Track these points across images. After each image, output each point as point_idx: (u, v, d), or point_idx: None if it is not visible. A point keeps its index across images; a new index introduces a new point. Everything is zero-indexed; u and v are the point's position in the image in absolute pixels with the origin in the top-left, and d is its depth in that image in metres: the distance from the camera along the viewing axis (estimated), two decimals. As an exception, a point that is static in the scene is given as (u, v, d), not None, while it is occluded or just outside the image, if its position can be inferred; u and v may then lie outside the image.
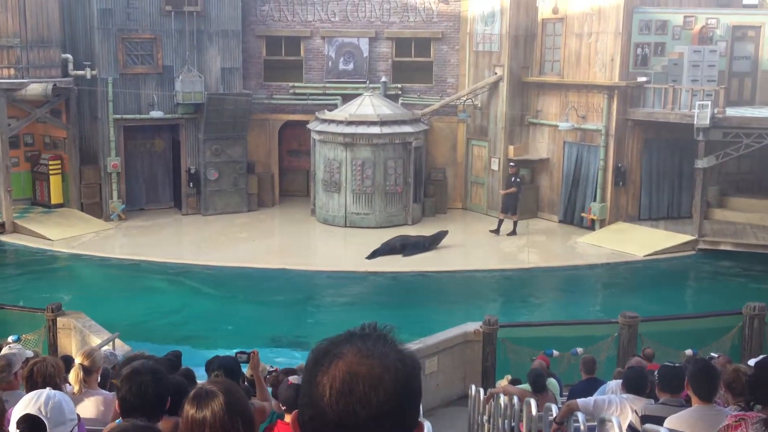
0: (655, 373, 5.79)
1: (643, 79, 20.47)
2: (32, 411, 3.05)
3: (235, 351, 6.52)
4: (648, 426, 4.46)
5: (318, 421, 1.34)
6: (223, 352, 10.87)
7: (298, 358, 13.19)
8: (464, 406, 11.22)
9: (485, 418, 9.07)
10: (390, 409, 1.33)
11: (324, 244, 21.33)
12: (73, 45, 22.78)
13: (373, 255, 19.45)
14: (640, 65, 20.78)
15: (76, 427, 3.20)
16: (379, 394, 1.33)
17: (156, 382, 3.46)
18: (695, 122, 18.90)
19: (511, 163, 21.92)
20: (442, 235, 20.29)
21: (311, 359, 1.41)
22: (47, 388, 3.18)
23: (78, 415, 3.25)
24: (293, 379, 5.66)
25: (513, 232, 21.09)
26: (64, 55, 22.04)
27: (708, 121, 18.75)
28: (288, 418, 5.24)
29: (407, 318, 16.39)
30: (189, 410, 2.82)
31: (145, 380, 3.43)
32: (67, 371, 5.25)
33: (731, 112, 19.49)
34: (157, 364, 3.62)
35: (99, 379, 5.34)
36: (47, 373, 4.36)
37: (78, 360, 5.15)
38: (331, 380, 1.34)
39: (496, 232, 21.12)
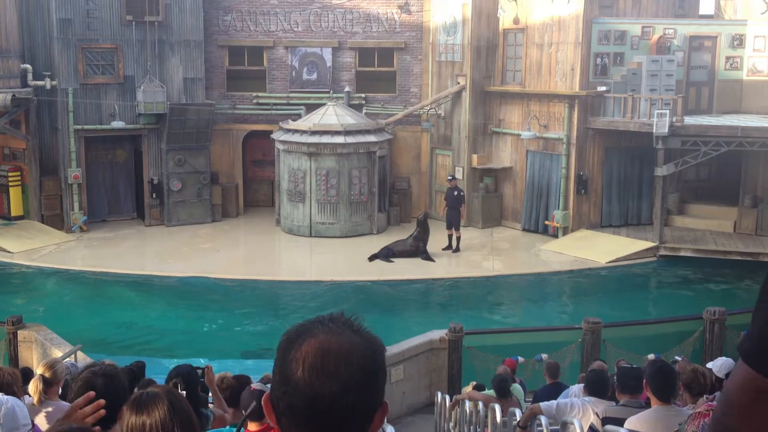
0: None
1: (603, 88, 20.76)
2: None
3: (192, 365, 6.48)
4: (609, 427, 4.53)
5: (291, 396, 1.43)
6: (187, 362, 10.78)
7: (266, 368, 13.11)
8: (430, 414, 11.25)
9: (451, 425, 9.11)
10: (358, 384, 1.43)
11: (289, 254, 21.26)
12: (33, 55, 22.49)
13: (373, 258, 19.76)
14: (600, 75, 21.08)
15: None
16: (348, 368, 1.43)
17: (108, 386, 3.40)
18: (654, 131, 19.21)
19: (449, 177, 21.75)
20: (425, 217, 20.22)
21: (284, 340, 1.49)
22: (0, 394, 3.12)
23: (33, 422, 3.21)
24: (256, 385, 5.62)
25: (453, 248, 20.46)
26: (23, 66, 21.76)
27: (666, 130, 19.06)
28: (252, 426, 5.21)
29: (372, 327, 16.27)
30: (128, 416, 2.73)
31: (97, 384, 3.38)
32: (27, 383, 5.18)
33: (689, 120, 19.85)
34: (114, 370, 3.56)
35: (60, 391, 5.27)
36: (4, 381, 4.30)
37: (39, 371, 5.09)
38: (304, 356, 1.43)
39: (450, 248, 20.56)
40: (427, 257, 19.85)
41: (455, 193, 20.72)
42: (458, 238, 20.62)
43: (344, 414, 1.43)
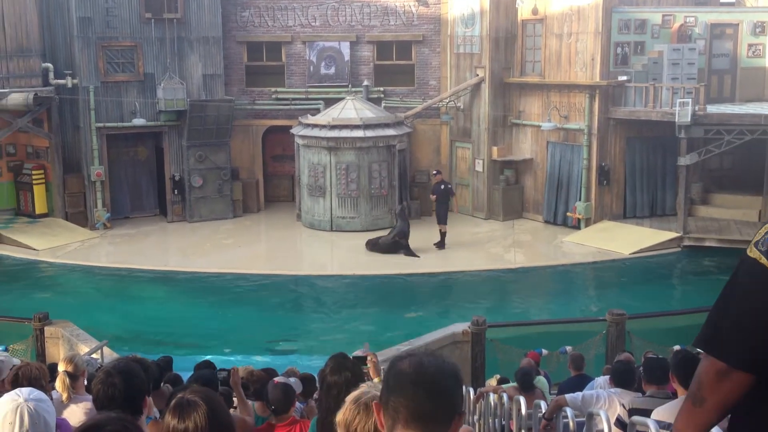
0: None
1: (624, 78, 20.59)
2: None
3: (218, 369, 6.50)
4: (635, 418, 4.49)
5: (401, 386, 1.98)
6: (212, 357, 10.85)
7: (289, 362, 13.15)
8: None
9: (476, 417, 9.09)
10: (443, 387, 1.97)
11: (310, 249, 21.31)
12: (54, 54, 22.66)
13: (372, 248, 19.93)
14: (621, 64, 20.91)
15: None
16: (436, 374, 1.98)
17: (127, 382, 3.42)
18: (676, 120, 19.03)
19: (434, 172, 21.37)
20: (402, 211, 19.84)
21: (393, 360, 2.07)
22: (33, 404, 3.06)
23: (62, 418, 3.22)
24: (279, 378, 5.65)
25: (441, 245, 20.12)
26: (44, 64, 21.93)
27: (689, 119, 18.89)
28: (277, 420, 5.23)
29: (396, 320, 16.41)
30: (170, 421, 2.77)
31: (116, 381, 3.40)
32: (53, 379, 5.22)
33: (712, 109, 19.64)
34: (133, 364, 3.58)
35: (85, 383, 5.31)
36: (32, 376, 4.34)
37: (61, 368, 5.12)
38: (408, 362, 2.02)
39: (441, 244, 20.18)
40: (410, 253, 19.54)
41: (442, 187, 20.25)
42: (443, 234, 20.20)
43: (438, 401, 1.96)
